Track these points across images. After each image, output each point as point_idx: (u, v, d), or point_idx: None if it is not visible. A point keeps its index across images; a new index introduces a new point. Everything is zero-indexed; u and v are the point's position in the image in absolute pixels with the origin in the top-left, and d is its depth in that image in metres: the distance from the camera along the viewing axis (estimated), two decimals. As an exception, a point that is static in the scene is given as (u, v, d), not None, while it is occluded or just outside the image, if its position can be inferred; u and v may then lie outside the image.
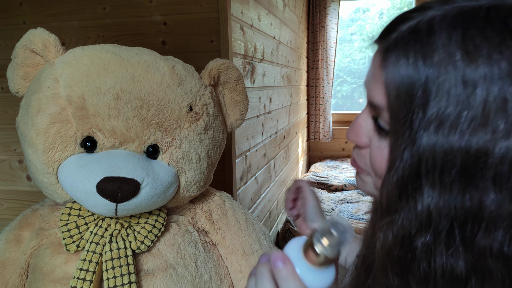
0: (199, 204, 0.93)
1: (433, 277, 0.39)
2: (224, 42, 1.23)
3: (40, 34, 0.79)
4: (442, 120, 0.37)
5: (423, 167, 0.38)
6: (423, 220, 0.38)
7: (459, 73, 0.36)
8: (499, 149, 0.35)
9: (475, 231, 0.37)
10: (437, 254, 0.38)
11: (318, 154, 4.04)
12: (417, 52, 0.38)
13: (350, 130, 0.50)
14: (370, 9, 4.42)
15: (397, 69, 0.39)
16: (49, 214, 0.85)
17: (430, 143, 0.37)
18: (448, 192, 0.37)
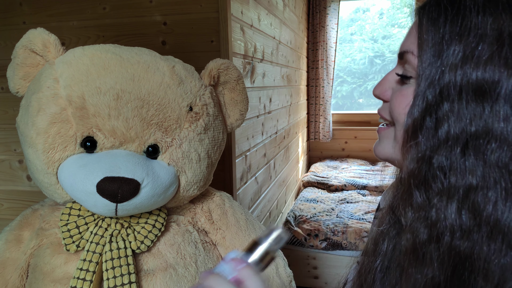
0: (199, 204, 0.93)
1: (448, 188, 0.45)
2: (224, 42, 1.23)
3: (40, 34, 0.79)
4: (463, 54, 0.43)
5: (445, 94, 0.44)
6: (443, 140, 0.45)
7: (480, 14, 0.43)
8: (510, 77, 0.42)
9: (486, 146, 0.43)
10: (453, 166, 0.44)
11: (318, 154, 4.04)
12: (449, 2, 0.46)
13: (377, 86, 0.56)
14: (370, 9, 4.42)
15: (430, 14, 0.47)
16: (49, 214, 0.85)
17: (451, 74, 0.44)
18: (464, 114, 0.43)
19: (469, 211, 0.44)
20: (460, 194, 0.44)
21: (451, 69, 0.44)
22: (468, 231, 0.44)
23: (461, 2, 0.45)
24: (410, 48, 0.50)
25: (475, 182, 0.43)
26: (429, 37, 0.46)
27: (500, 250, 0.43)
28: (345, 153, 3.99)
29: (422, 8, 0.49)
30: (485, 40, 0.43)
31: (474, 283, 0.44)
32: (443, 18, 0.45)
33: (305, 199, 2.95)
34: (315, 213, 2.65)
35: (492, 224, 0.43)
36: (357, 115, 4.00)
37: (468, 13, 0.44)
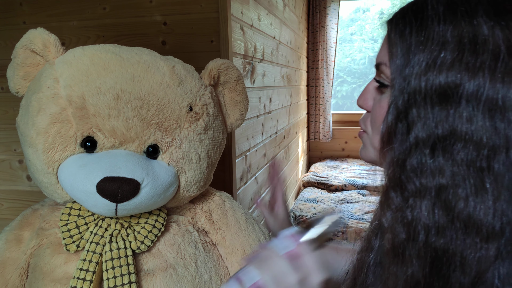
0: (199, 204, 0.93)
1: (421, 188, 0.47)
2: (224, 42, 1.23)
3: (40, 34, 0.79)
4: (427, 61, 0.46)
5: (412, 100, 0.47)
6: (414, 143, 0.47)
7: (441, 22, 0.46)
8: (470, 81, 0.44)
9: (453, 146, 0.45)
10: (424, 168, 0.47)
11: (318, 154, 4.04)
12: (412, 13, 0.49)
13: (360, 96, 0.59)
14: (370, 9, 4.42)
15: (397, 27, 0.50)
16: (49, 214, 0.86)
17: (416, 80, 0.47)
18: (431, 117, 0.46)
19: (442, 209, 0.46)
20: (432, 193, 0.46)
21: (417, 76, 0.47)
22: (443, 228, 0.47)
23: (424, 13, 0.48)
24: (383, 59, 0.53)
25: (445, 181, 0.46)
26: (397, 48, 0.50)
27: (475, 243, 0.45)
28: (345, 153, 3.99)
29: (390, 21, 0.52)
30: (446, 48, 0.45)
31: (453, 277, 0.46)
32: (409, 30, 0.49)
33: (305, 199, 2.95)
34: (315, 213, 2.65)
35: (464, 219, 0.45)
36: (357, 115, 4.00)
37: (431, 23, 0.47)
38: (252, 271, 0.45)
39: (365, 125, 0.58)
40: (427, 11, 0.48)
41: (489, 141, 0.44)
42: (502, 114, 0.44)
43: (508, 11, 0.45)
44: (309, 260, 0.46)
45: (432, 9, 0.47)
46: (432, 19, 0.47)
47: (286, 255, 0.46)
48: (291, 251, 0.46)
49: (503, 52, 0.44)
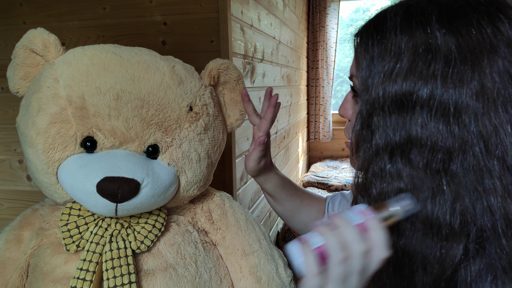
0: (199, 204, 0.93)
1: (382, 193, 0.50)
2: (224, 42, 1.23)
3: (40, 34, 0.79)
4: (385, 71, 0.48)
5: (372, 109, 0.50)
6: (375, 150, 0.50)
7: (398, 34, 0.48)
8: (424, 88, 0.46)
9: (410, 150, 0.47)
10: (384, 173, 0.49)
11: (318, 154, 4.04)
12: (374, 28, 0.51)
13: (340, 106, 0.61)
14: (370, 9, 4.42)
15: (361, 41, 0.53)
16: (49, 214, 0.86)
17: (376, 90, 0.49)
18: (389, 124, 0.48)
19: None
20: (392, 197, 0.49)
21: (376, 87, 0.49)
22: (403, 230, 0.49)
23: (384, 26, 0.50)
24: (353, 71, 0.55)
25: (403, 185, 0.48)
26: (362, 61, 0.52)
27: (435, 244, 0.47)
28: (345, 153, 3.99)
29: (356, 36, 0.55)
30: (402, 58, 0.47)
31: (416, 276, 0.48)
32: (371, 42, 0.51)
33: (305, 199, 2.94)
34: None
35: (423, 221, 0.47)
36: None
37: (389, 35, 0.49)
38: (318, 236, 0.47)
39: (349, 135, 0.60)
40: (386, 24, 0.50)
41: (444, 144, 0.45)
42: (455, 118, 0.45)
43: (460, 17, 0.46)
44: (377, 235, 0.46)
45: (391, 21, 0.50)
46: (390, 31, 0.49)
47: (356, 226, 0.47)
48: (362, 223, 0.47)
49: (455, 58, 0.45)
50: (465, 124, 0.45)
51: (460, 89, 0.44)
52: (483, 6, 0.46)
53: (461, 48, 0.45)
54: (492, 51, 0.44)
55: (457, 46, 0.45)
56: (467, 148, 0.45)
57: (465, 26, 0.45)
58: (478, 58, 0.44)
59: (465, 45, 0.45)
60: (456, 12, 0.46)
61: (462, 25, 0.45)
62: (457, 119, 0.45)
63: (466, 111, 0.45)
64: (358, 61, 0.53)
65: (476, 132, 0.44)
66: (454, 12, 0.46)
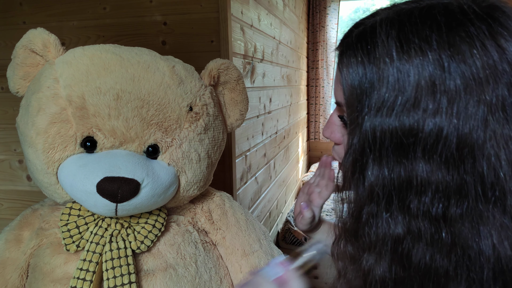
0: (199, 204, 0.93)
1: (375, 241, 0.46)
2: (224, 42, 1.23)
3: (40, 34, 0.79)
4: (382, 105, 0.43)
5: (366, 146, 0.45)
6: (368, 193, 0.45)
7: (395, 64, 0.43)
8: (428, 125, 0.41)
9: (408, 197, 0.43)
10: (379, 220, 0.45)
11: (318, 154, 4.04)
12: (363, 51, 0.45)
13: (325, 128, 0.56)
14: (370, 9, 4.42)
15: (349, 68, 0.46)
16: (49, 214, 0.85)
17: (372, 126, 0.44)
18: (386, 165, 0.44)
19: (398, 262, 0.45)
20: (388, 246, 0.45)
21: (370, 120, 0.44)
22: (400, 280, 0.45)
23: (375, 49, 0.44)
24: (340, 98, 0.50)
25: (401, 233, 0.44)
26: (351, 89, 0.46)
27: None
28: (345, 153, 3.98)
29: (340, 59, 0.49)
30: (401, 90, 0.42)
31: None
32: (361, 69, 0.45)
33: (305, 199, 2.94)
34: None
35: (421, 270, 0.44)
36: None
37: (383, 63, 0.43)
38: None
39: (339, 157, 0.55)
40: (377, 47, 0.44)
41: (445, 190, 0.42)
42: (459, 159, 0.41)
43: (461, 38, 0.41)
44: (296, 285, 0.48)
45: (383, 45, 0.44)
46: (384, 58, 0.43)
47: (275, 281, 0.49)
48: (280, 277, 0.49)
49: (459, 90, 0.41)
50: (468, 166, 0.41)
51: (464, 125, 0.41)
52: (484, 22, 0.42)
53: (466, 79, 0.41)
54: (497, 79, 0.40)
55: (462, 77, 0.41)
56: (466, 192, 0.42)
57: (468, 50, 0.41)
58: (484, 88, 0.40)
59: (470, 74, 0.41)
60: (457, 33, 0.41)
61: (465, 49, 0.41)
62: (460, 160, 0.41)
63: (470, 151, 0.41)
64: (344, 90, 0.47)
65: (477, 175, 0.41)
66: (454, 33, 0.41)
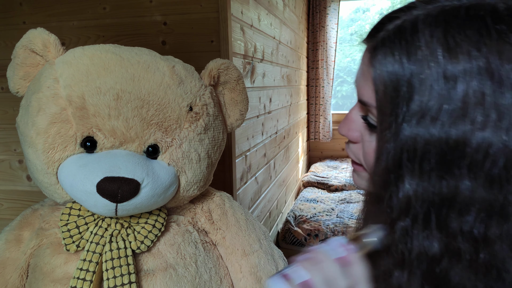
0: (199, 204, 0.93)
1: (409, 259, 0.42)
2: (224, 42, 1.23)
3: (40, 34, 0.79)
4: (424, 113, 0.39)
5: (405, 156, 0.41)
6: (403, 206, 0.42)
7: (441, 69, 0.39)
8: (476, 139, 0.38)
9: (449, 215, 0.40)
10: (414, 237, 0.41)
11: (318, 154, 4.04)
12: (402, 49, 0.41)
13: (343, 125, 0.52)
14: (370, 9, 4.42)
15: (384, 66, 0.42)
16: (49, 214, 0.85)
17: (412, 135, 0.40)
18: (427, 180, 0.40)
19: (432, 282, 0.42)
20: (423, 265, 0.42)
21: (409, 128, 0.40)
22: None
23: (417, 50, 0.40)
24: (369, 101, 0.45)
25: (439, 253, 0.41)
26: (386, 93, 0.42)
27: None
28: (345, 153, 3.96)
29: (374, 57, 0.44)
30: (448, 98, 0.38)
31: None
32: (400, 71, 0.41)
33: (305, 199, 2.95)
34: (315, 213, 2.65)
35: None
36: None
37: (427, 67, 0.39)
38: (301, 270, 0.45)
39: (358, 159, 0.52)
40: (421, 50, 0.40)
41: (488, 210, 0.39)
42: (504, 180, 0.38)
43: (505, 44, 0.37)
44: (359, 269, 0.45)
45: (428, 46, 0.39)
46: (429, 61, 0.39)
47: (337, 260, 0.45)
48: (343, 257, 0.46)
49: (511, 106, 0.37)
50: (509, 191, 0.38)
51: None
52: None
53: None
54: None
55: None
56: (508, 213, 0.39)
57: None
58: None
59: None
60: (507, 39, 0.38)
61: None
62: (506, 179, 0.38)
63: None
64: (378, 91, 0.43)
65: None
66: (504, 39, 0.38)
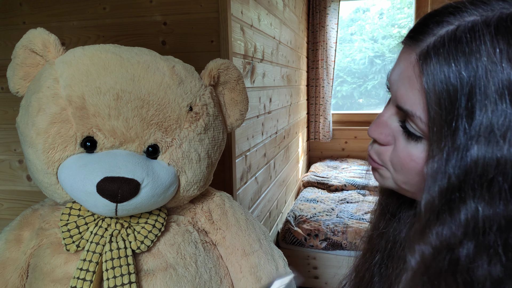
0: (199, 204, 0.93)
1: (473, 283, 0.38)
2: (224, 42, 1.23)
3: (40, 34, 0.79)
4: (491, 131, 0.36)
5: (471, 178, 0.37)
6: (468, 231, 0.38)
7: (506, 82, 0.35)
8: None
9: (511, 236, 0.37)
10: (478, 263, 0.38)
11: (318, 154, 4.04)
12: (460, 60, 0.37)
13: (374, 128, 0.49)
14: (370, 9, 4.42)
15: (438, 76, 0.38)
16: (49, 214, 0.85)
17: (479, 155, 0.37)
18: (496, 203, 0.37)
19: None
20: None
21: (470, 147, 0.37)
22: None
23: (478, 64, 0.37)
24: (414, 109, 0.42)
25: (503, 276, 0.38)
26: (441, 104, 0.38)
27: None
28: (345, 153, 3.99)
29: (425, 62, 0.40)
30: None
31: None
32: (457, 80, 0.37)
33: (305, 199, 2.95)
34: (315, 213, 2.65)
35: None
36: (357, 115, 4.00)
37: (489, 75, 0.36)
38: None
39: (382, 161, 0.49)
40: (481, 61, 0.36)
41: None
42: None
43: None
44: None
45: (489, 59, 0.36)
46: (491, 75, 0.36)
47: None
48: None
49: None
50: None
51: None
52: None
53: None
54: None
55: None
56: None
57: None
58: None
59: None
60: None
61: None
62: None
63: None
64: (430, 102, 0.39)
65: None
66: None
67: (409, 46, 0.44)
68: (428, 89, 0.39)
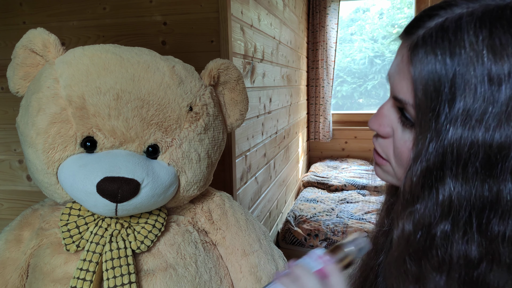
0: (199, 204, 0.93)
1: (448, 262, 0.41)
2: (224, 42, 1.23)
3: (40, 34, 0.79)
4: (468, 115, 0.38)
5: (448, 159, 0.40)
6: (444, 209, 0.41)
7: (485, 70, 0.38)
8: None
9: (491, 219, 0.39)
10: (454, 240, 0.41)
11: (318, 154, 4.04)
12: (445, 49, 0.40)
13: (374, 120, 0.51)
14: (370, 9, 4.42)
15: (425, 65, 0.41)
16: (49, 214, 0.85)
17: (456, 137, 0.39)
18: (470, 183, 0.39)
19: (471, 286, 0.41)
20: (462, 269, 0.41)
21: (452, 130, 0.39)
22: None
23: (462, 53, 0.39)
24: (406, 98, 0.44)
25: (478, 256, 0.40)
26: (425, 91, 0.41)
27: None
28: (345, 153, 3.99)
29: (414, 54, 0.42)
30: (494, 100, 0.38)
31: None
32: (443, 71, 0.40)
33: (305, 199, 2.95)
34: (315, 213, 2.65)
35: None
36: (357, 115, 4.00)
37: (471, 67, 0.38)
38: (281, 286, 0.47)
39: (386, 155, 0.51)
40: (465, 50, 0.39)
41: None
42: None
43: None
44: (337, 280, 0.46)
45: (472, 50, 0.38)
46: (474, 66, 0.38)
47: (316, 273, 0.47)
48: (321, 270, 0.48)
49: None
50: None
51: None
52: None
53: None
54: None
55: None
56: None
57: None
58: None
59: None
60: None
61: None
62: None
63: None
64: (417, 90, 0.42)
65: None
66: None
67: (404, 40, 0.46)
68: (415, 77, 0.42)
